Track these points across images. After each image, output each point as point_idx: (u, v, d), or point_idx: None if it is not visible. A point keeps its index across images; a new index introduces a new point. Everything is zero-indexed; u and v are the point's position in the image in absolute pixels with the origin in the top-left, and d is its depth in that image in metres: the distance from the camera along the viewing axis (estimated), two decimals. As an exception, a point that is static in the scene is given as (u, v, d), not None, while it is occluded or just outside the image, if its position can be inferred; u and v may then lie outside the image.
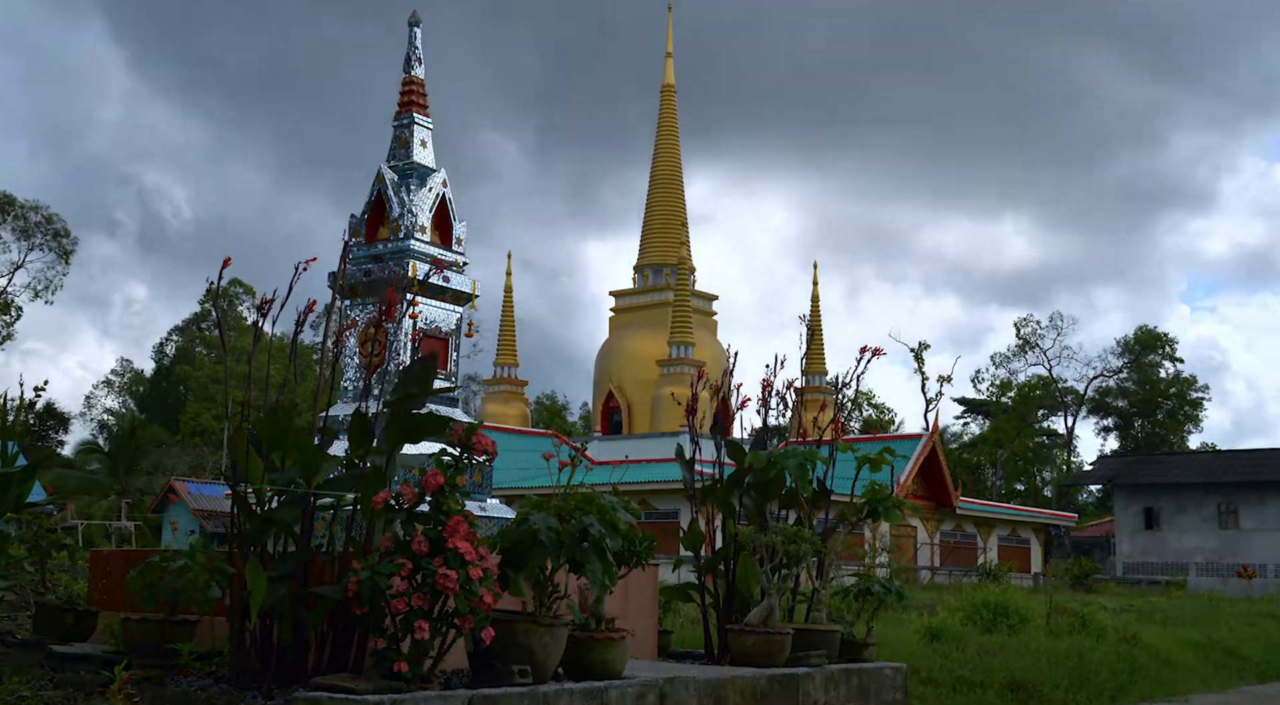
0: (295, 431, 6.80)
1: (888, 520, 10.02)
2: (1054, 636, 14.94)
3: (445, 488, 6.23)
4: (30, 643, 8.12)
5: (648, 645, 9.12)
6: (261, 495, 6.78)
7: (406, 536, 6.15)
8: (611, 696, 6.70)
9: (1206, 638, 17.56)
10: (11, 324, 60.29)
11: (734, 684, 7.75)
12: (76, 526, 31.15)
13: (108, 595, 8.66)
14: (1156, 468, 57.40)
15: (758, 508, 9.85)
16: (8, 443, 8.39)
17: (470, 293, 10.97)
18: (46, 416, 60.05)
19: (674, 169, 55.21)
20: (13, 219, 58.24)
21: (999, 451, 76.19)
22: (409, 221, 10.76)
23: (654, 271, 53.82)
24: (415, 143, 11.28)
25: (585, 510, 6.88)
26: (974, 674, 11.40)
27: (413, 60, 11.54)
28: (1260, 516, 52.43)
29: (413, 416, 6.85)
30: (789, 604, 9.65)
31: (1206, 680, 14.65)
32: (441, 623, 6.00)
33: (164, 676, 6.70)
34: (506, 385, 53.72)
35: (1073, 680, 12.13)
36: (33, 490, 8.74)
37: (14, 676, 6.81)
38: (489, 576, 6.11)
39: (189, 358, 74.10)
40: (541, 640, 6.57)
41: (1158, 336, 79.22)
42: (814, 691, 8.42)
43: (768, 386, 10.43)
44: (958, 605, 17.00)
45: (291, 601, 6.50)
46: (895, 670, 9.50)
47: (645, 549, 7.30)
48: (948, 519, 46.87)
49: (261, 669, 6.57)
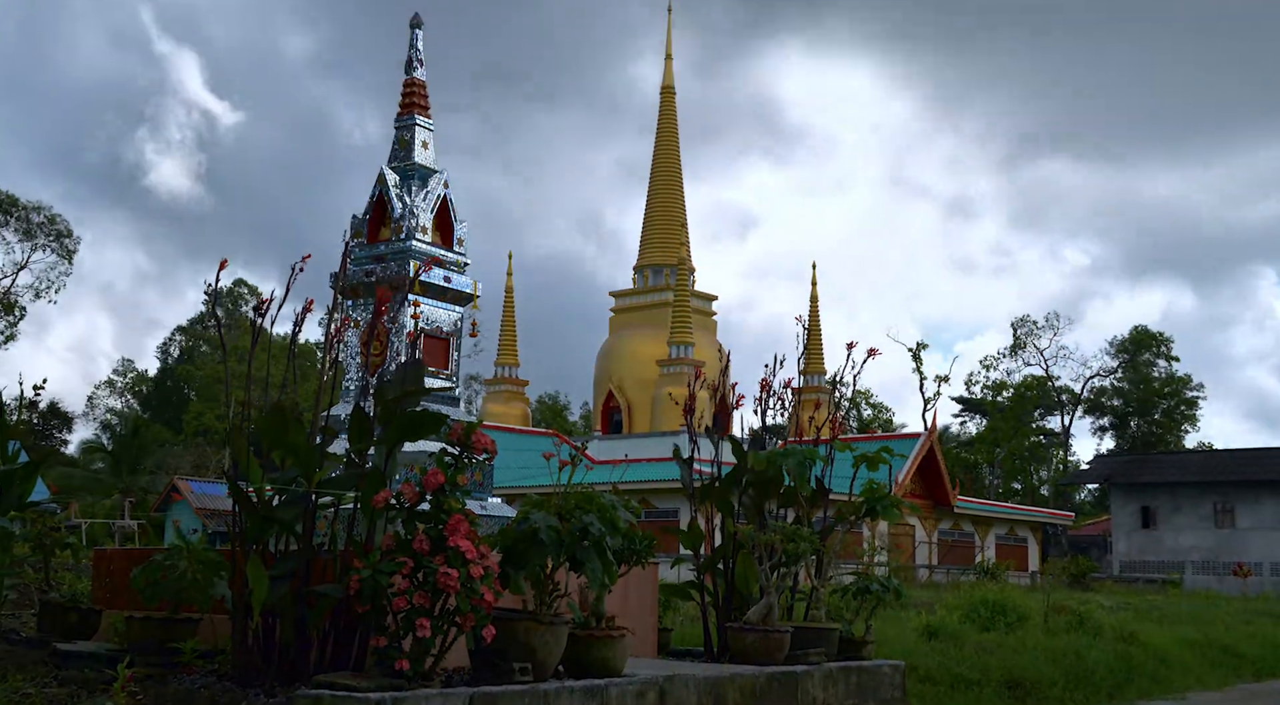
0: (296, 431, 6.80)
1: (886, 519, 10.02)
2: (1051, 635, 14.94)
3: (446, 486, 6.23)
4: (34, 640, 8.13)
5: (647, 643, 9.12)
6: (263, 494, 6.78)
7: (408, 535, 6.15)
8: (612, 694, 6.71)
9: (1203, 636, 17.56)
10: (15, 324, 60.36)
11: (733, 682, 7.75)
12: (80, 525, 31.13)
13: (111, 593, 8.66)
14: (1153, 467, 57.43)
15: (756, 506, 9.85)
16: (10, 441, 8.40)
17: (471, 293, 10.97)
18: (50, 416, 60.04)
19: (674, 170, 55.24)
20: (15, 219, 58.25)
21: (996, 451, 76.21)
22: (410, 222, 10.76)
23: (654, 272, 53.83)
24: (416, 144, 11.29)
25: (585, 509, 6.88)
26: (972, 672, 11.40)
27: (414, 62, 11.54)
28: (1256, 515, 52.45)
29: (410, 415, 6.85)
30: (788, 602, 9.66)
31: (1203, 678, 14.65)
32: (443, 621, 6.00)
33: (167, 674, 6.70)
34: (507, 385, 53.75)
35: (1070, 678, 12.13)
36: (36, 489, 8.76)
37: (18, 674, 6.81)
38: (490, 575, 6.11)
39: (192, 357, 74.18)
40: (542, 638, 6.57)
41: (1153, 336, 79.23)
42: (813, 689, 8.42)
43: (765, 386, 10.43)
44: (956, 603, 17.01)
45: (293, 600, 6.50)
46: (894, 668, 9.50)
47: (645, 547, 7.30)
48: (946, 518, 46.89)
49: (264, 667, 6.57)
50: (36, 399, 9.44)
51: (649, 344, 50.47)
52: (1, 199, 57.98)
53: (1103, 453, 74.88)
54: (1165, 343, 79.00)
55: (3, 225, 58.04)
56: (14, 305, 59.59)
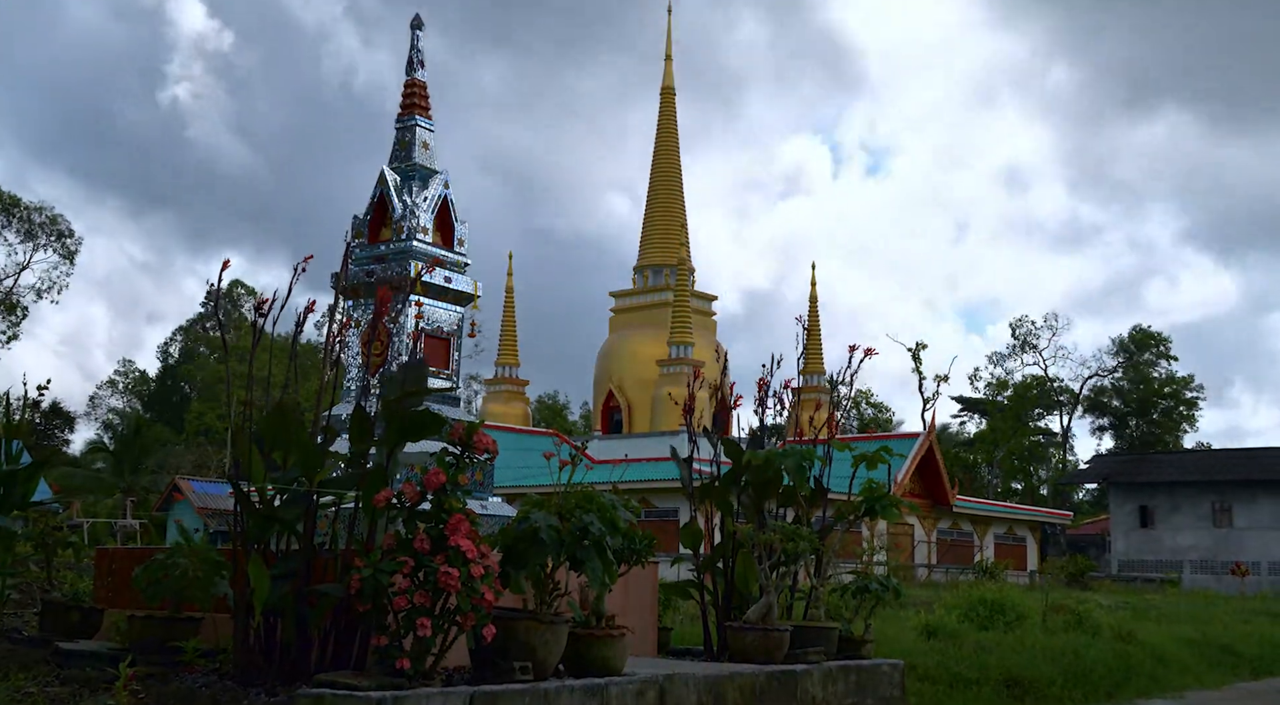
0: (298, 430, 6.80)
1: (885, 518, 10.02)
2: (1050, 634, 14.94)
3: (447, 486, 6.23)
4: (36, 640, 8.13)
5: (647, 642, 9.12)
6: (265, 494, 6.78)
7: (409, 534, 6.15)
8: (612, 693, 6.70)
9: (1201, 635, 17.56)
10: (17, 324, 60.37)
11: (733, 681, 7.75)
12: (82, 525, 31.16)
13: (113, 593, 8.66)
14: (1151, 466, 57.43)
15: (756, 506, 9.84)
16: (13, 441, 8.40)
17: (472, 293, 10.98)
18: (52, 416, 60.05)
19: (673, 171, 55.25)
20: (17, 220, 58.26)
21: (996, 450, 76.21)
22: (411, 223, 10.77)
23: (654, 272, 53.84)
24: (417, 145, 11.29)
25: (585, 508, 6.88)
26: (971, 671, 11.39)
27: (415, 63, 11.54)
28: (1253, 515, 52.44)
29: (412, 415, 6.85)
30: (787, 601, 9.65)
31: (1201, 677, 14.65)
32: (443, 620, 5.99)
33: (168, 673, 6.70)
34: (508, 385, 53.76)
35: (1069, 677, 12.13)
36: (38, 488, 8.75)
37: (20, 673, 6.81)
38: (490, 574, 6.11)
39: (193, 357, 74.19)
40: (542, 637, 6.57)
41: (1152, 336, 79.21)
42: (812, 688, 8.42)
43: (763, 386, 10.44)
44: (954, 603, 17.01)
45: (295, 599, 6.50)
46: (893, 667, 9.50)
47: (645, 547, 7.30)
48: (945, 517, 46.87)
49: (265, 666, 6.57)
50: (40, 399, 9.45)
51: (649, 344, 50.49)
52: (4, 199, 57.98)
53: (1102, 452, 74.92)
54: (1164, 343, 79.01)
55: (4, 226, 58.10)
56: (16, 305, 59.62)
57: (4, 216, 57.93)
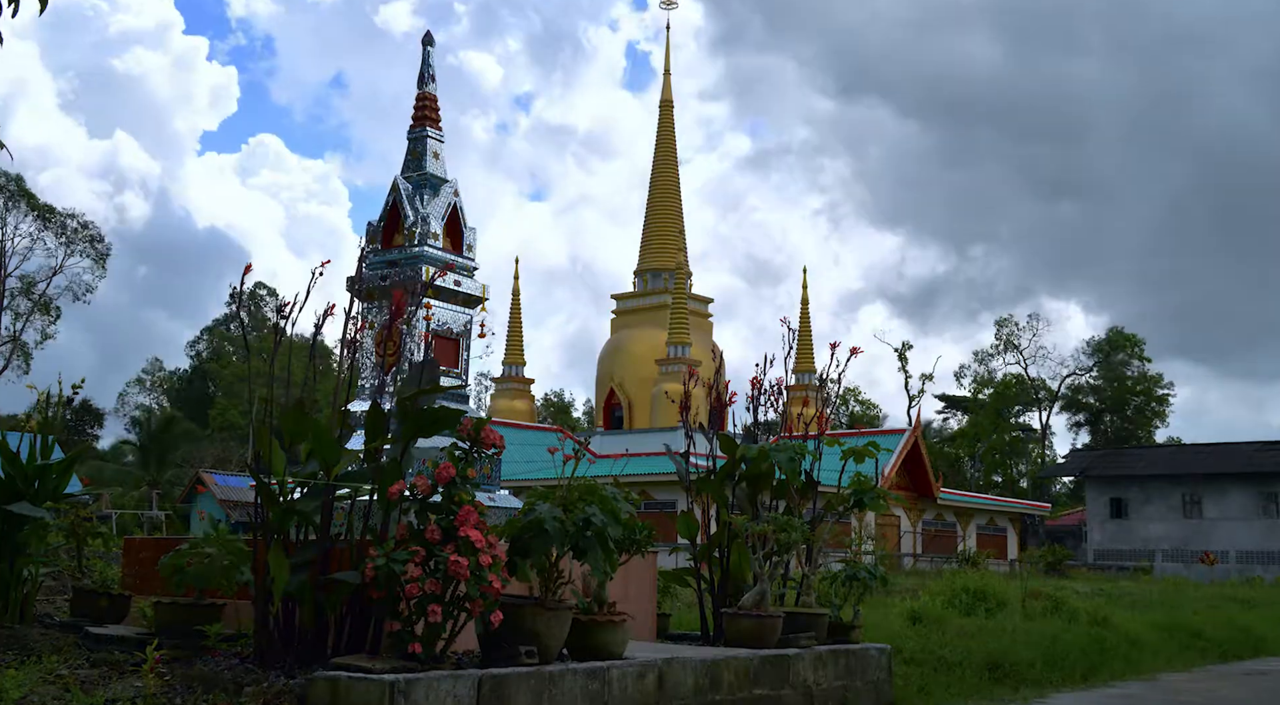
0: (316, 426, 6.80)
1: (873, 510, 10.01)
2: (1029, 619, 14.92)
3: (457, 479, 6.23)
4: (67, 625, 8.14)
5: (647, 628, 9.12)
6: (284, 486, 6.78)
7: (420, 525, 6.15)
8: (613, 676, 6.70)
9: (1172, 620, 17.53)
10: (53, 322, 60.52)
11: (729, 664, 7.75)
12: (110, 515, 31.19)
13: (140, 580, 8.66)
14: (1125, 460, 57.49)
15: (750, 498, 9.84)
16: (47, 437, 8.41)
17: (480, 296, 10.99)
18: (83, 413, 60.14)
19: (672, 180, 55.30)
20: (54, 226, 58.52)
21: (978, 445, 76.21)
22: (422, 229, 10.78)
23: (653, 276, 53.88)
24: (428, 155, 11.31)
25: (588, 501, 6.88)
26: (954, 654, 11.38)
27: (426, 77, 11.55)
28: (1222, 506, 52.47)
29: (427, 411, 6.86)
30: (780, 589, 9.64)
31: (1172, 660, 14.63)
32: (453, 607, 5.99)
33: (192, 656, 6.70)
34: (514, 383, 53.80)
35: (1047, 660, 12.12)
36: (70, 482, 8.76)
37: (53, 656, 6.82)
38: (498, 563, 6.11)
39: (219, 356, 74.25)
40: (547, 623, 6.57)
41: (1127, 337, 79.24)
42: (804, 671, 8.42)
43: (757, 384, 10.44)
44: (939, 590, 16.98)
45: (312, 586, 6.51)
46: (880, 651, 9.50)
47: (645, 537, 7.30)
48: (929, 509, 46.89)
49: (284, 650, 6.57)
50: (73, 396, 9.45)
51: (648, 344, 50.50)
52: (40, 209, 58.35)
53: (1078, 447, 74.96)
54: (1138, 343, 79.05)
55: (43, 230, 58.40)
56: (50, 306, 59.77)
57: (41, 223, 58.23)
